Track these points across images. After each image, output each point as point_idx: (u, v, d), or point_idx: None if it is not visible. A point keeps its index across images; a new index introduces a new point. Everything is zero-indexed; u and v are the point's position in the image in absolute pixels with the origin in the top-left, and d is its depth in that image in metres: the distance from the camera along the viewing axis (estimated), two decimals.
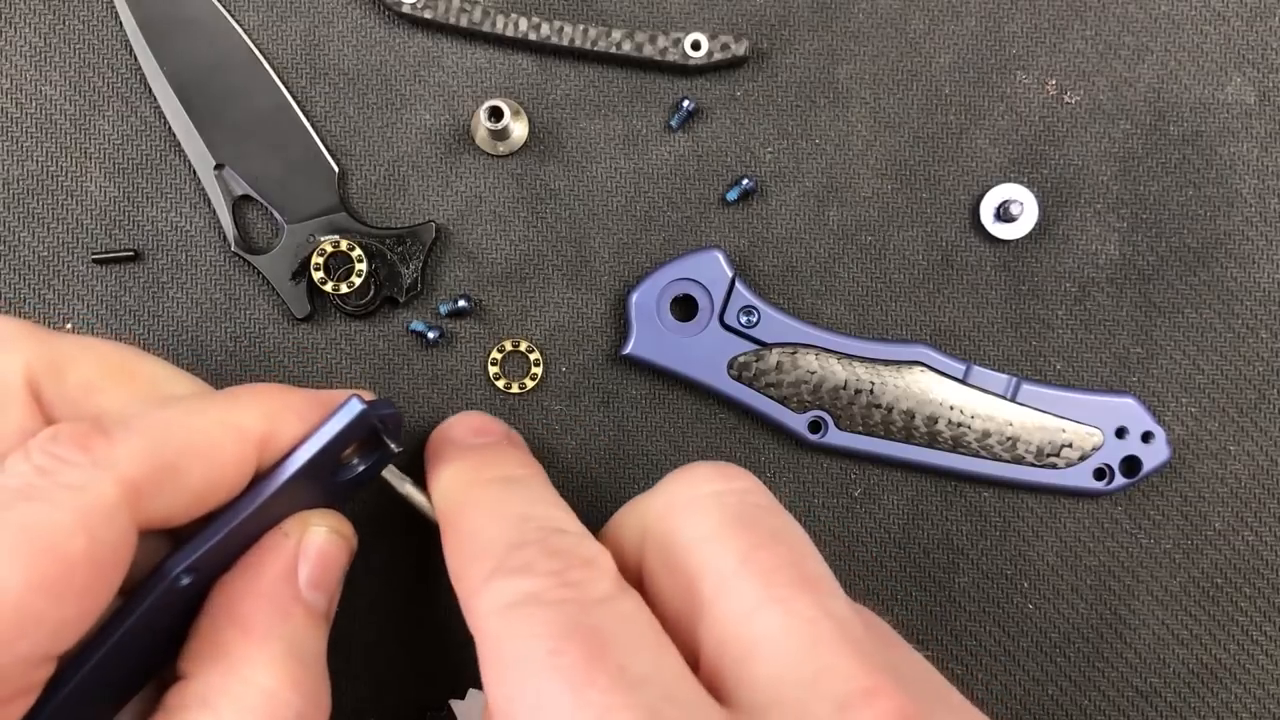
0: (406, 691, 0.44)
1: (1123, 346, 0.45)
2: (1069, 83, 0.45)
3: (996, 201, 0.44)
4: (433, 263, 0.44)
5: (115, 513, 0.27)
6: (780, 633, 0.26)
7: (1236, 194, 0.45)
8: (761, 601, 0.27)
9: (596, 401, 0.44)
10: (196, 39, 0.43)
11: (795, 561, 0.28)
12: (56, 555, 0.26)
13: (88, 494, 0.27)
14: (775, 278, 0.45)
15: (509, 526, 0.31)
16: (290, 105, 0.44)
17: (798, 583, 0.27)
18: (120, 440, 0.28)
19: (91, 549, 0.26)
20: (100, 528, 0.27)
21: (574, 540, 0.30)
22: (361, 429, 0.33)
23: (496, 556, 0.30)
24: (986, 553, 0.45)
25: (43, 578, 0.25)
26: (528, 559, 0.29)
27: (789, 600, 0.27)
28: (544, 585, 0.28)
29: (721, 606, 0.27)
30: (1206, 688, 0.45)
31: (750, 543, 0.28)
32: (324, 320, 0.44)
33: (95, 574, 0.27)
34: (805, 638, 0.26)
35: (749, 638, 0.27)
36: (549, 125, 0.45)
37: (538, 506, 0.32)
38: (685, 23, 0.45)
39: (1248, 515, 0.45)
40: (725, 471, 0.31)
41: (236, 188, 0.43)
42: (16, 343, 0.31)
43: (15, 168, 0.44)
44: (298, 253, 0.43)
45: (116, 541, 0.28)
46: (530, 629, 0.27)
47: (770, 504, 0.31)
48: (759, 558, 0.28)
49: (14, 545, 0.25)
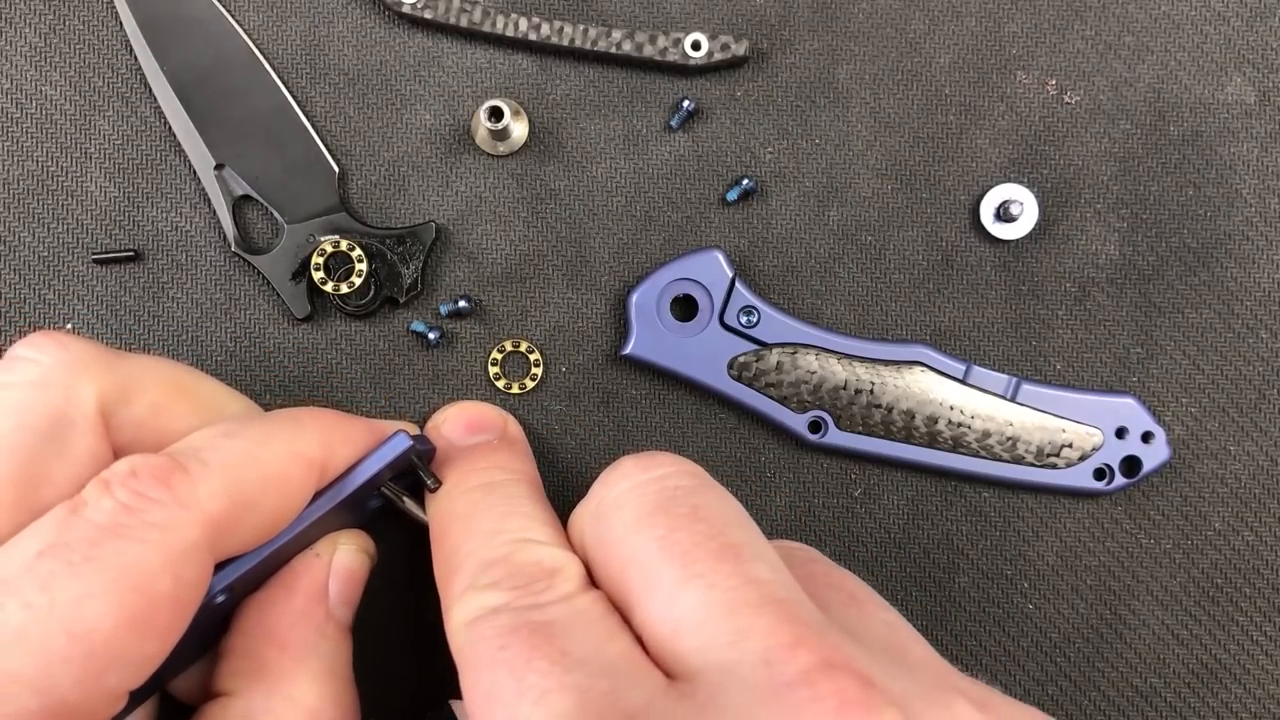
0: (406, 692, 0.44)
1: (1123, 346, 0.45)
2: (1069, 83, 0.45)
3: (996, 201, 0.44)
4: (433, 263, 0.44)
5: (199, 552, 0.29)
6: (701, 606, 0.27)
7: (1236, 194, 0.45)
8: (681, 580, 0.28)
9: (596, 401, 0.44)
10: (196, 39, 0.43)
11: (713, 534, 0.29)
12: (145, 594, 0.27)
13: (174, 534, 0.28)
14: (775, 278, 0.45)
15: (480, 542, 0.32)
16: (290, 105, 0.44)
17: (715, 555, 0.28)
18: (200, 478, 0.29)
19: (176, 588, 0.28)
20: (185, 567, 0.28)
21: (542, 552, 0.32)
22: (403, 463, 0.35)
23: (469, 574, 0.31)
24: (986, 553, 0.45)
25: (133, 616, 0.26)
26: (495, 576, 0.31)
27: (706, 574, 0.27)
28: (508, 598, 0.29)
29: (649, 594, 0.28)
30: (1206, 688, 0.45)
31: (667, 526, 0.29)
32: (324, 320, 0.44)
33: (177, 611, 0.28)
34: (724, 605, 0.27)
35: (675, 617, 0.27)
36: (549, 125, 0.45)
37: (511, 518, 0.34)
38: (685, 23, 0.45)
39: (1248, 515, 0.45)
40: (645, 461, 0.32)
41: (236, 188, 0.43)
42: (89, 369, 0.31)
43: (15, 168, 0.44)
44: (298, 253, 0.43)
45: (197, 579, 0.29)
46: (485, 633, 0.28)
47: (692, 483, 0.31)
48: (676, 539, 0.29)
49: (107, 584, 0.26)
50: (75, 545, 0.26)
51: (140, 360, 0.33)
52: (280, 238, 0.43)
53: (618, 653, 0.27)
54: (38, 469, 0.29)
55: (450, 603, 0.31)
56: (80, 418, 0.30)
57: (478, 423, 0.40)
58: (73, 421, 0.30)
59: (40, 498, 0.28)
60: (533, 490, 0.37)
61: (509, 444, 0.40)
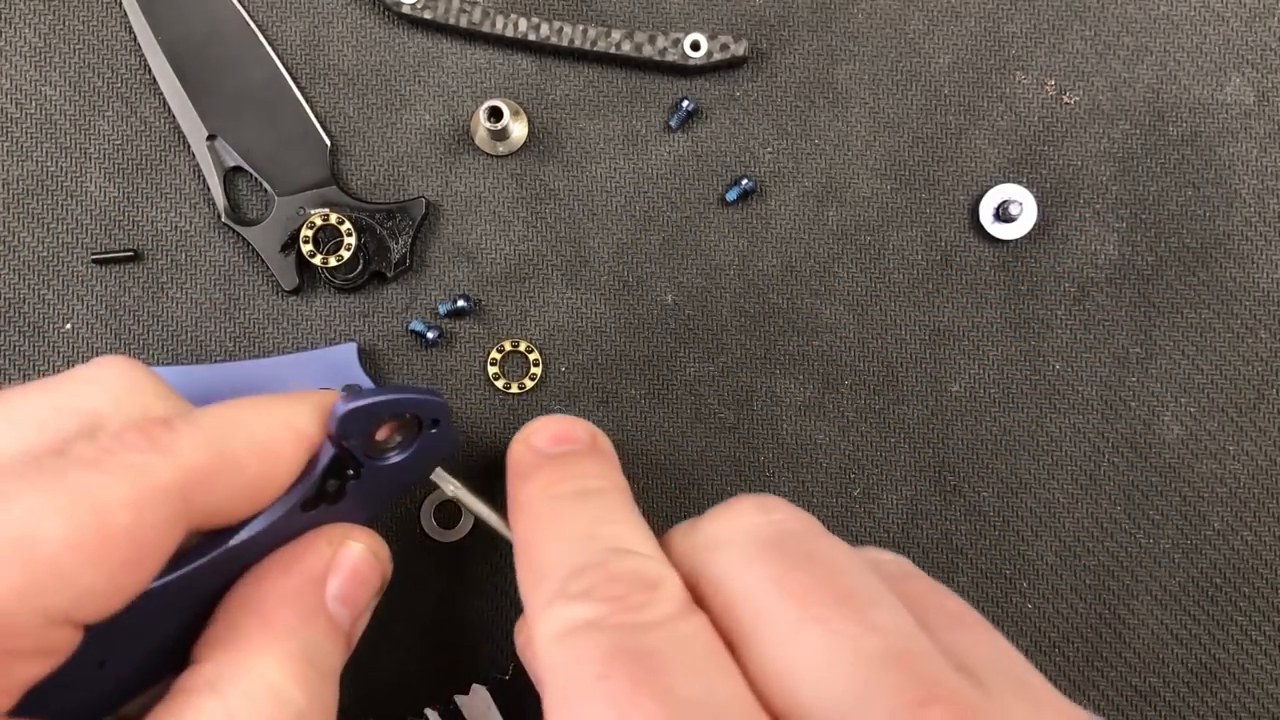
0: (410, 686, 0.44)
1: (1121, 346, 0.45)
2: (1068, 83, 0.45)
3: (995, 202, 0.44)
4: (421, 239, 0.44)
5: (167, 497, 0.28)
6: (822, 653, 0.26)
7: (1236, 194, 0.45)
8: (799, 623, 0.26)
9: (596, 401, 0.44)
10: (193, 9, 0.44)
11: (830, 578, 0.27)
12: (100, 522, 0.26)
13: (143, 474, 0.28)
14: (775, 278, 0.45)
15: (574, 548, 0.31)
16: (283, 78, 0.44)
17: (834, 600, 0.27)
18: (183, 432, 0.29)
19: (136, 526, 0.27)
20: (149, 508, 0.27)
21: (640, 562, 0.30)
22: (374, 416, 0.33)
23: (559, 580, 0.29)
24: (985, 552, 0.45)
25: (82, 540, 0.26)
26: (588, 584, 0.29)
27: (827, 619, 0.26)
28: (602, 611, 0.28)
29: (761, 633, 0.27)
30: (1205, 687, 0.45)
31: (783, 566, 0.28)
32: (325, 321, 0.44)
33: (135, 551, 0.27)
34: (848, 655, 0.25)
35: (791, 661, 0.26)
36: (549, 125, 0.45)
37: (607, 525, 0.32)
38: (685, 23, 0.45)
39: (1247, 515, 0.45)
40: (763, 504, 0.31)
41: (228, 159, 0.44)
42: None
43: (15, 168, 0.44)
44: (287, 225, 0.43)
45: (162, 525, 0.28)
46: (581, 654, 0.27)
47: (806, 528, 0.30)
48: (792, 579, 0.27)
49: (62, 505, 0.26)
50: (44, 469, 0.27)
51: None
52: (270, 210, 0.43)
53: (730, 695, 0.26)
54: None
55: (535, 613, 0.29)
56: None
57: (565, 435, 0.39)
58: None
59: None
60: (629, 501, 0.34)
61: (600, 453, 0.38)
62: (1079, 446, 0.45)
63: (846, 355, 0.45)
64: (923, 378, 0.45)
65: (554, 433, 0.38)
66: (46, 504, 0.26)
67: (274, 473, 0.31)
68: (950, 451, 0.45)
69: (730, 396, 0.45)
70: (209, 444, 0.29)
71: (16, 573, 0.25)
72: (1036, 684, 0.28)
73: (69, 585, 0.26)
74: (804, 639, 0.26)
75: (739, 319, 0.45)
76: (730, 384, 0.45)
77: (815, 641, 0.26)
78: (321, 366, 0.43)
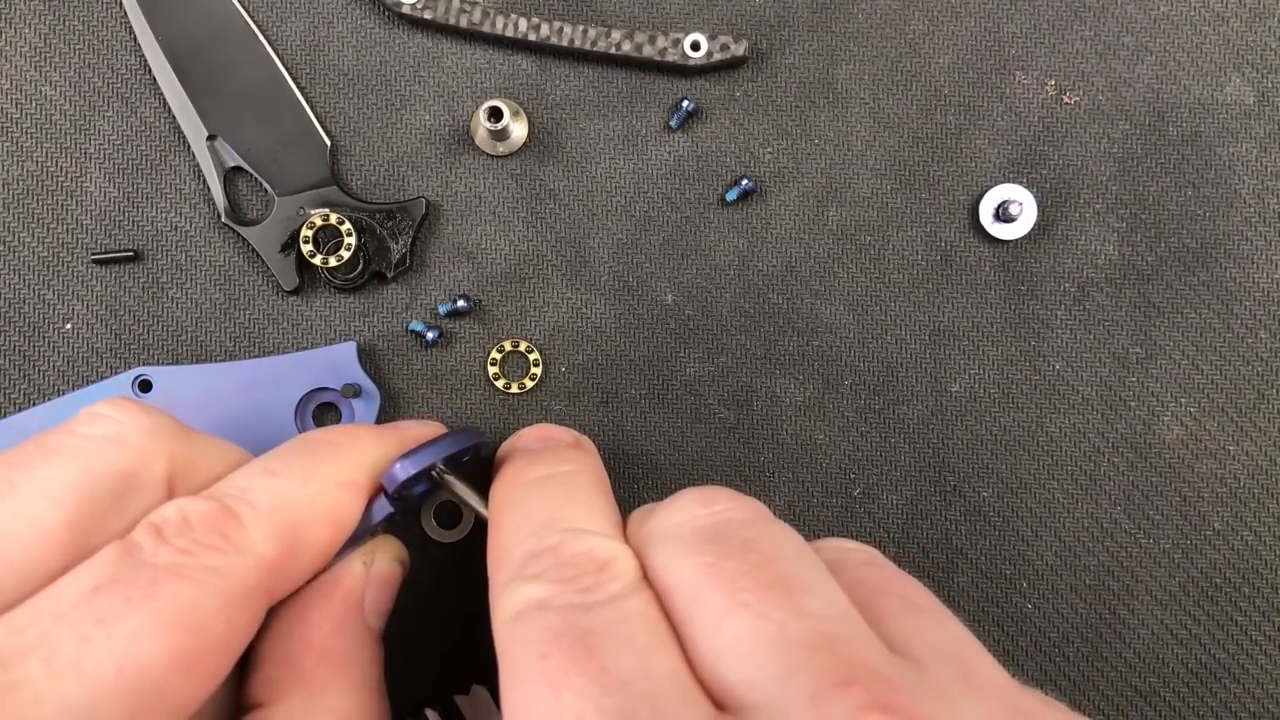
0: (410, 686, 0.44)
1: (1121, 346, 0.45)
2: (1068, 83, 0.45)
3: (995, 202, 0.44)
4: (421, 239, 0.44)
5: (253, 598, 0.29)
6: (748, 636, 0.26)
7: (1236, 194, 0.45)
8: (727, 608, 0.27)
9: (596, 401, 0.44)
10: (192, 9, 0.44)
11: (763, 564, 0.28)
12: (198, 635, 0.27)
13: (231, 578, 0.28)
14: (775, 278, 0.45)
15: (531, 532, 0.31)
16: (284, 78, 0.44)
17: (764, 586, 0.27)
18: (253, 523, 0.30)
19: (229, 632, 0.28)
20: (239, 611, 0.28)
21: (594, 542, 0.30)
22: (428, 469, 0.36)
23: (516, 563, 0.30)
24: (985, 553, 0.45)
25: (184, 656, 0.26)
26: (542, 566, 0.29)
27: (754, 604, 0.26)
28: (552, 591, 0.28)
29: (693, 619, 0.27)
30: (1205, 687, 0.45)
31: (716, 555, 0.28)
32: (325, 321, 0.44)
33: (226, 655, 0.28)
34: (773, 638, 0.26)
35: (719, 645, 0.26)
36: (549, 125, 0.45)
37: (569, 509, 0.32)
38: (685, 23, 0.45)
39: (1247, 515, 0.45)
40: (705, 496, 0.31)
41: (228, 159, 0.44)
42: (166, 437, 0.32)
43: (15, 168, 0.44)
44: (287, 225, 0.43)
45: (249, 624, 0.29)
46: (528, 634, 0.27)
47: (749, 517, 0.30)
48: (724, 566, 0.28)
49: (163, 623, 0.26)
50: (135, 583, 0.27)
51: (210, 439, 0.34)
52: (270, 210, 0.43)
53: (665, 672, 0.26)
54: (96, 518, 0.29)
55: (496, 594, 0.30)
56: (149, 480, 0.31)
57: (547, 435, 0.40)
58: (141, 482, 0.30)
59: (91, 544, 0.29)
60: (596, 483, 0.35)
61: (579, 445, 0.39)
62: (1079, 446, 0.45)
63: (846, 355, 0.45)
64: (923, 378, 0.45)
65: (538, 434, 0.40)
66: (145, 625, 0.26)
67: (339, 537, 0.32)
68: (950, 451, 0.45)
69: (730, 396, 0.45)
70: (280, 532, 0.30)
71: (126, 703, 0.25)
72: (983, 667, 0.27)
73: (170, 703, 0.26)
74: (731, 623, 0.26)
75: (739, 319, 0.45)
76: (730, 384, 0.45)
77: (741, 625, 0.26)
78: (321, 366, 0.43)
